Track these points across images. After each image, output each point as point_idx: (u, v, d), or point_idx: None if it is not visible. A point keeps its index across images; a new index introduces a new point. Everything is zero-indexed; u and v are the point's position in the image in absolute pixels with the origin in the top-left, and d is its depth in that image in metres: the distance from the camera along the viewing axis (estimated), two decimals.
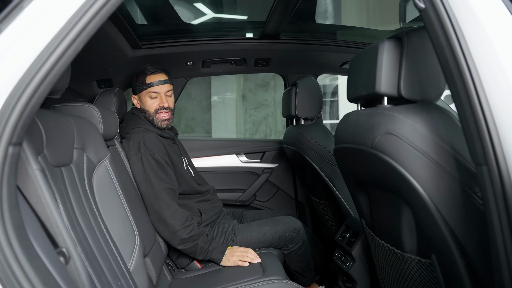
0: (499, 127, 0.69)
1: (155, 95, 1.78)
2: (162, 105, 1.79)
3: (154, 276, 1.42)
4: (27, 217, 0.71)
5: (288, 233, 1.79)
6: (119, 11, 1.60)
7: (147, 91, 1.78)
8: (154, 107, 1.78)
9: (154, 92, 1.78)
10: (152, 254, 1.46)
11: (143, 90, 1.79)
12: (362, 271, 1.54)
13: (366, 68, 1.02)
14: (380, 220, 1.18)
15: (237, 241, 1.76)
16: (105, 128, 1.40)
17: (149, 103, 1.79)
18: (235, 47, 2.22)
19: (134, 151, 1.66)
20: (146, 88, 1.78)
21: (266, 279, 1.42)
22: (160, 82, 1.79)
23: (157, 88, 1.78)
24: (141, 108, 1.83)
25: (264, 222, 1.84)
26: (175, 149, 1.86)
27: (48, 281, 0.68)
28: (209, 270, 1.65)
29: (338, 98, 6.33)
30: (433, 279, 0.99)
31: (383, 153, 0.92)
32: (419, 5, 0.76)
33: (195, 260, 1.71)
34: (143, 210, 1.60)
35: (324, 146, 1.91)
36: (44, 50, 0.69)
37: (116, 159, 1.55)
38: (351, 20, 3.07)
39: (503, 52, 0.71)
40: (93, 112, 1.37)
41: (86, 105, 1.38)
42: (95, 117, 1.37)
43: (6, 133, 0.67)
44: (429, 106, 0.93)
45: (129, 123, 1.79)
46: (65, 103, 1.38)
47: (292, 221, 1.85)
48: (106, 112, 1.46)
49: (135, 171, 1.65)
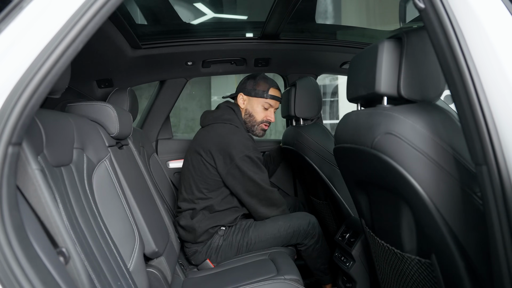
0: (499, 127, 0.69)
1: (268, 107, 1.88)
2: (269, 119, 1.90)
3: (169, 274, 1.42)
4: (27, 217, 0.71)
5: (303, 227, 1.81)
6: (119, 11, 1.60)
7: (265, 101, 1.87)
8: (262, 117, 1.88)
9: (269, 105, 1.88)
10: (166, 253, 1.46)
11: (261, 97, 1.86)
12: (362, 271, 1.54)
13: (366, 68, 1.02)
14: (380, 220, 1.18)
15: (252, 238, 1.78)
16: (121, 127, 1.40)
17: (259, 111, 1.88)
18: (235, 47, 2.22)
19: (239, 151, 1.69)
20: (266, 97, 1.86)
21: (281, 278, 1.42)
22: (278, 99, 1.92)
23: (274, 102, 1.90)
24: (246, 109, 1.89)
25: (278, 218, 1.86)
26: None
27: (48, 281, 0.68)
28: (222, 269, 1.65)
29: (338, 98, 6.33)
30: (433, 279, 0.99)
31: (383, 153, 0.92)
32: (418, 5, 0.76)
33: (208, 259, 1.73)
34: (155, 209, 1.60)
35: (323, 146, 1.91)
36: (44, 50, 0.69)
37: (130, 159, 1.55)
38: (351, 20, 3.07)
39: (503, 52, 0.71)
40: (109, 111, 1.37)
41: (103, 104, 1.37)
42: (111, 116, 1.37)
43: (6, 133, 0.67)
44: (429, 106, 0.93)
45: (225, 115, 1.83)
46: (81, 102, 1.38)
47: (306, 215, 1.88)
48: (122, 111, 1.46)
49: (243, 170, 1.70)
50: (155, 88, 2.46)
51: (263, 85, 1.86)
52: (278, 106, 1.94)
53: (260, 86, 1.86)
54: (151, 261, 1.42)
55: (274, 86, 1.89)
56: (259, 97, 1.86)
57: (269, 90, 1.86)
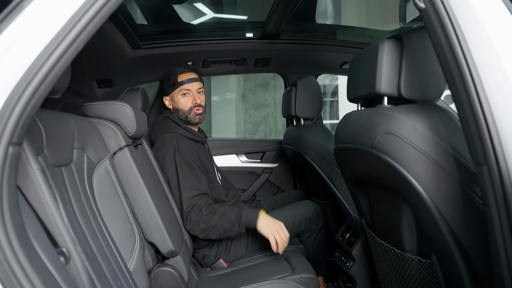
0: (499, 127, 0.69)
1: (186, 92, 1.83)
2: (195, 102, 1.84)
3: (185, 274, 1.43)
4: (27, 217, 0.71)
5: (309, 214, 1.84)
6: (119, 11, 1.60)
7: (179, 89, 1.84)
8: (188, 105, 1.83)
9: (186, 90, 1.83)
10: (182, 252, 1.47)
11: (175, 89, 1.84)
12: (362, 271, 1.54)
13: (366, 68, 1.02)
14: (380, 220, 1.18)
15: None
16: (137, 126, 1.40)
17: (182, 101, 1.84)
18: (235, 47, 2.22)
19: (169, 157, 1.68)
20: (178, 86, 1.84)
21: (297, 276, 1.42)
22: (191, 80, 1.85)
23: (188, 85, 1.84)
24: (173, 107, 1.87)
25: (284, 209, 1.88)
26: (206, 153, 1.90)
27: (48, 280, 0.68)
28: (235, 268, 1.65)
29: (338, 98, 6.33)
30: (433, 279, 0.99)
31: (383, 153, 0.92)
32: (419, 5, 0.76)
33: (221, 258, 1.72)
34: (170, 209, 1.60)
35: (324, 146, 1.91)
36: (44, 50, 0.68)
37: (145, 158, 1.54)
38: (351, 20, 3.07)
39: (503, 52, 0.71)
40: (127, 111, 1.36)
41: (121, 104, 1.37)
42: (129, 116, 1.37)
43: (6, 133, 0.67)
44: (429, 106, 0.93)
45: (161, 127, 1.81)
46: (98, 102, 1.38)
47: (310, 203, 1.91)
48: (138, 111, 1.45)
49: (171, 177, 1.67)
50: (155, 88, 2.46)
51: (172, 78, 1.85)
52: (199, 86, 1.87)
53: (170, 80, 1.86)
54: (167, 260, 1.43)
55: (182, 72, 1.86)
56: (173, 90, 1.85)
57: (177, 78, 1.84)
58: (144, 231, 1.37)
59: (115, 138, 1.32)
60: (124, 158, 1.33)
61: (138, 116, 1.42)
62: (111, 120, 1.35)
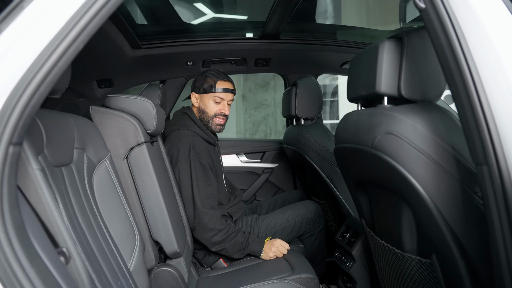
0: (500, 127, 0.69)
1: (219, 101, 1.84)
2: (223, 112, 1.86)
3: (186, 274, 1.43)
4: (27, 217, 0.71)
5: (310, 215, 1.85)
6: (119, 11, 1.60)
7: (214, 95, 1.83)
8: (215, 111, 1.84)
9: (220, 98, 1.83)
10: (185, 253, 1.47)
11: (210, 92, 1.83)
12: (362, 271, 1.54)
13: (366, 68, 1.02)
14: (380, 220, 1.18)
15: (262, 230, 1.80)
16: (157, 124, 1.39)
17: (211, 106, 1.84)
18: (235, 47, 2.22)
19: (183, 154, 1.68)
20: (214, 91, 1.83)
21: (297, 276, 1.43)
22: (228, 91, 1.85)
23: (223, 95, 1.84)
24: (199, 107, 1.86)
25: (285, 208, 1.90)
26: (217, 156, 1.91)
27: (49, 280, 0.68)
28: (235, 268, 1.65)
29: (338, 98, 6.33)
30: (433, 279, 0.99)
31: (383, 153, 0.92)
32: (419, 5, 0.76)
33: (221, 258, 1.73)
34: (178, 210, 1.60)
35: (324, 146, 1.91)
36: (44, 50, 0.69)
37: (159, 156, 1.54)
38: (351, 20, 3.07)
39: (503, 52, 0.71)
40: (149, 107, 1.35)
41: (144, 100, 1.36)
42: (151, 112, 1.35)
43: (6, 133, 0.67)
44: (429, 106, 0.93)
45: (178, 121, 1.81)
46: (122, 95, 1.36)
47: (312, 203, 1.93)
48: (159, 108, 1.44)
49: (183, 174, 1.67)
50: None
51: (211, 80, 1.84)
52: (232, 98, 1.89)
53: (207, 82, 1.84)
54: (170, 261, 1.42)
55: (222, 79, 1.85)
56: (208, 92, 1.83)
57: (216, 83, 1.83)
58: (151, 229, 1.36)
59: (134, 134, 1.30)
60: (141, 154, 1.32)
61: (159, 113, 1.41)
62: (133, 114, 1.33)
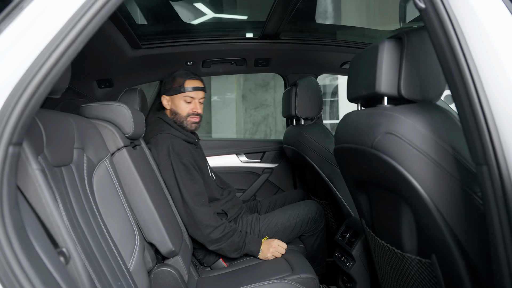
0: (499, 127, 0.69)
1: (190, 100, 1.83)
2: (195, 111, 1.84)
3: (185, 274, 1.43)
4: (27, 217, 0.71)
5: (311, 215, 1.85)
6: (119, 11, 1.60)
7: (184, 95, 1.82)
8: (187, 111, 1.83)
9: (190, 97, 1.83)
10: (182, 252, 1.47)
11: (179, 93, 1.82)
12: (362, 271, 1.54)
13: (366, 68, 1.02)
14: (380, 220, 1.18)
15: (262, 230, 1.79)
16: (135, 127, 1.40)
17: (182, 106, 1.83)
18: (235, 47, 2.22)
19: (163, 156, 1.68)
20: (183, 92, 1.82)
21: (297, 276, 1.42)
22: (197, 89, 1.84)
23: (193, 93, 1.83)
24: (171, 109, 1.86)
25: (286, 208, 1.90)
26: (199, 154, 1.90)
27: (48, 281, 0.68)
28: (235, 268, 1.65)
29: (338, 98, 6.33)
30: (433, 279, 0.99)
31: (383, 153, 0.92)
32: (419, 5, 0.76)
33: (221, 258, 1.73)
34: (169, 209, 1.60)
35: (324, 146, 1.91)
36: (44, 50, 0.68)
37: (143, 158, 1.55)
38: (351, 20, 3.08)
39: (503, 52, 0.71)
40: (124, 111, 1.36)
41: (118, 104, 1.37)
42: (126, 116, 1.37)
43: (6, 133, 0.67)
44: (429, 106, 0.93)
45: (154, 127, 1.81)
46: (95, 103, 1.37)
47: (312, 203, 1.93)
48: (135, 111, 1.46)
49: (166, 176, 1.67)
50: (155, 88, 2.46)
51: (179, 80, 1.83)
52: (203, 96, 1.88)
53: (176, 82, 1.83)
54: (167, 261, 1.43)
55: (190, 78, 1.84)
56: (178, 93, 1.82)
57: (185, 83, 1.82)
58: (143, 232, 1.37)
59: (113, 139, 1.32)
60: (122, 158, 1.33)
61: (136, 116, 1.42)
62: (109, 120, 1.34)
